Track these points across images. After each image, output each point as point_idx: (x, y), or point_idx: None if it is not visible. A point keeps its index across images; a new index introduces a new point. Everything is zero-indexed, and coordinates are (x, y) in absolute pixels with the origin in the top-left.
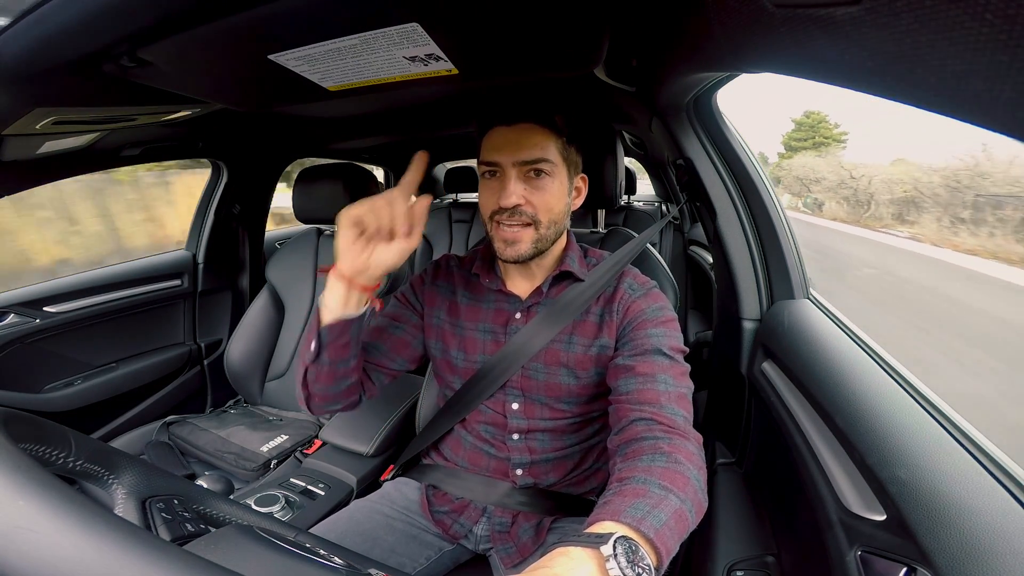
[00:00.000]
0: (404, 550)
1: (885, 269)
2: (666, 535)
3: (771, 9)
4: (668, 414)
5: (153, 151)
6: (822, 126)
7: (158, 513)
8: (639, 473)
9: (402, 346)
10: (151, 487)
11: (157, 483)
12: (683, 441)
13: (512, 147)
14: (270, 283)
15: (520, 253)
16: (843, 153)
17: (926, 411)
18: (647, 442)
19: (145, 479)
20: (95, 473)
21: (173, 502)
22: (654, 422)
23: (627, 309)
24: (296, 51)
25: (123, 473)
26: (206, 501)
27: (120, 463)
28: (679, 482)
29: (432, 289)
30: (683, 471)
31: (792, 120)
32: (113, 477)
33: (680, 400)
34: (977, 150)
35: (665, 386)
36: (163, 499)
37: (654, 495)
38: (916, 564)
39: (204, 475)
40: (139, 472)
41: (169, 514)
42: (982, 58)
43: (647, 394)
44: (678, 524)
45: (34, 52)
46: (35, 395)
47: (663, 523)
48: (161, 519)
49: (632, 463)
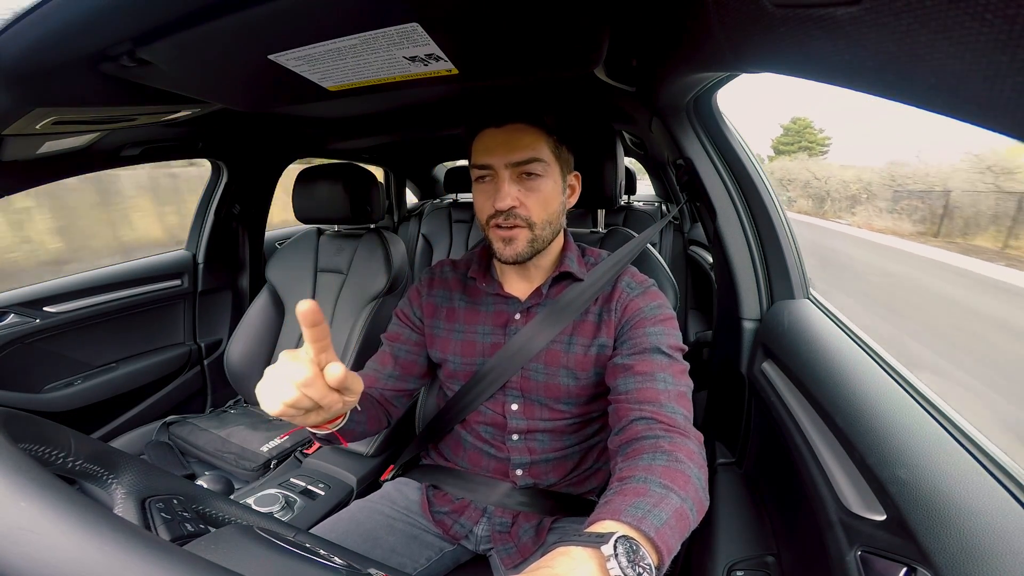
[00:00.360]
0: (404, 550)
1: (813, 242)
2: (667, 534)
3: (771, 9)
4: (668, 413)
5: (153, 151)
6: (807, 131)
7: (157, 513)
8: (639, 472)
9: (411, 367)
10: (150, 487)
11: (156, 483)
12: (684, 439)
13: (504, 148)
14: (270, 283)
15: (518, 252)
16: (824, 157)
17: (926, 411)
18: (648, 441)
19: (144, 479)
20: (94, 473)
21: (173, 502)
22: (654, 421)
23: (625, 308)
24: (296, 51)
25: (122, 473)
26: (206, 501)
27: (119, 463)
28: (680, 480)
29: (429, 300)
30: (684, 469)
31: (780, 126)
32: (112, 477)
33: (680, 398)
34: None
35: (664, 384)
36: (163, 499)
37: (655, 494)
38: (916, 564)
39: (204, 475)
40: (138, 472)
41: (169, 514)
42: (982, 58)
43: (647, 393)
44: (679, 523)
45: (34, 52)
46: (35, 395)
47: (664, 522)
48: (161, 519)
49: (633, 462)
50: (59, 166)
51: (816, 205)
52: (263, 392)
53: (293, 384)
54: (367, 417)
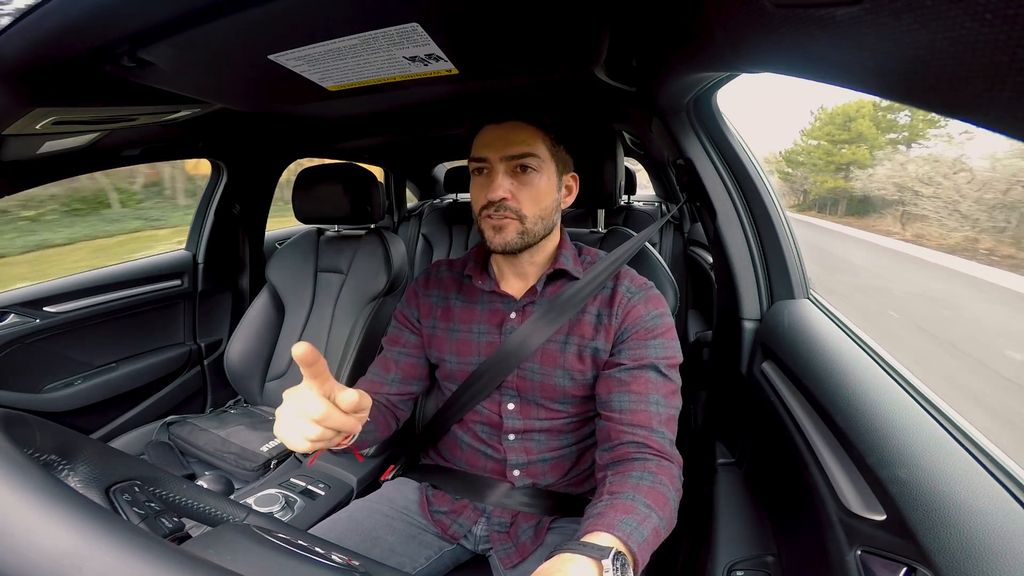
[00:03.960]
0: (404, 550)
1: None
2: (645, 549)
3: (771, 9)
4: (658, 439)
5: (153, 151)
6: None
7: (125, 504)
8: (628, 489)
9: (413, 369)
10: (111, 474)
11: (116, 470)
12: (668, 464)
13: (500, 143)
14: (270, 283)
15: (507, 241)
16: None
17: (926, 411)
18: (637, 462)
19: (104, 466)
20: (52, 463)
21: (134, 488)
22: (644, 446)
23: (626, 314)
24: (296, 51)
25: (78, 461)
26: (167, 485)
27: (77, 449)
28: (660, 502)
29: (425, 300)
30: (665, 492)
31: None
32: (67, 465)
33: (669, 423)
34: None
35: (656, 408)
36: (125, 486)
37: (640, 512)
38: (916, 564)
39: (204, 475)
40: (97, 459)
41: (138, 507)
42: (982, 58)
43: (639, 416)
44: (654, 539)
45: (35, 52)
46: (35, 395)
47: (644, 538)
48: (133, 513)
49: (622, 478)
50: (59, 166)
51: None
52: (285, 434)
53: (310, 420)
54: (376, 425)
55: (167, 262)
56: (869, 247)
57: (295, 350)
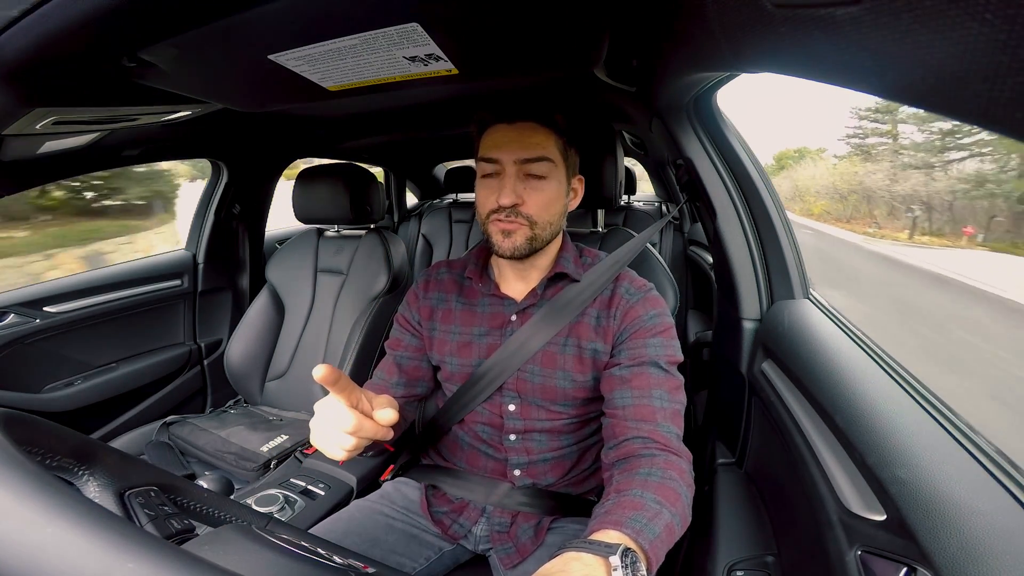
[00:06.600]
0: (404, 550)
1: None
2: (658, 546)
3: (771, 9)
4: (663, 433)
5: (153, 151)
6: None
7: (139, 508)
8: (636, 487)
9: (416, 371)
10: (128, 479)
11: (133, 475)
12: (676, 459)
13: (514, 145)
14: (270, 283)
15: (516, 246)
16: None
17: (926, 411)
18: (644, 459)
19: (120, 471)
20: (67, 466)
21: (150, 494)
22: (650, 440)
23: (625, 315)
24: (296, 51)
25: (96, 465)
26: (183, 491)
27: (94, 454)
28: (671, 497)
29: (425, 303)
30: (675, 487)
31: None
32: (86, 469)
33: (674, 417)
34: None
35: (660, 402)
36: (141, 491)
37: (650, 508)
38: (916, 564)
39: (204, 475)
40: (114, 463)
41: (150, 509)
42: (982, 58)
43: (643, 411)
44: (668, 537)
45: (35, 52)
46: (35, 395)
47: (656, 535)
48: (145, 515)
49: (629, 476)
50: (59, 166)
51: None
52: (323, 445)
53: (344, 432)
54: (393, 426)
55: (167, 262)
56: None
57: (316, 374)
